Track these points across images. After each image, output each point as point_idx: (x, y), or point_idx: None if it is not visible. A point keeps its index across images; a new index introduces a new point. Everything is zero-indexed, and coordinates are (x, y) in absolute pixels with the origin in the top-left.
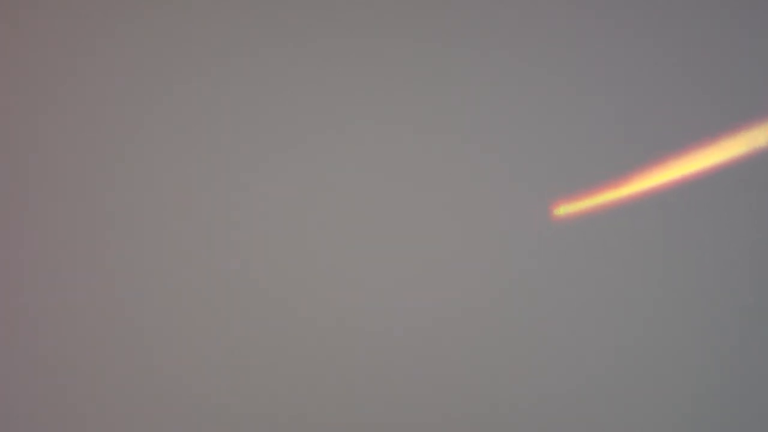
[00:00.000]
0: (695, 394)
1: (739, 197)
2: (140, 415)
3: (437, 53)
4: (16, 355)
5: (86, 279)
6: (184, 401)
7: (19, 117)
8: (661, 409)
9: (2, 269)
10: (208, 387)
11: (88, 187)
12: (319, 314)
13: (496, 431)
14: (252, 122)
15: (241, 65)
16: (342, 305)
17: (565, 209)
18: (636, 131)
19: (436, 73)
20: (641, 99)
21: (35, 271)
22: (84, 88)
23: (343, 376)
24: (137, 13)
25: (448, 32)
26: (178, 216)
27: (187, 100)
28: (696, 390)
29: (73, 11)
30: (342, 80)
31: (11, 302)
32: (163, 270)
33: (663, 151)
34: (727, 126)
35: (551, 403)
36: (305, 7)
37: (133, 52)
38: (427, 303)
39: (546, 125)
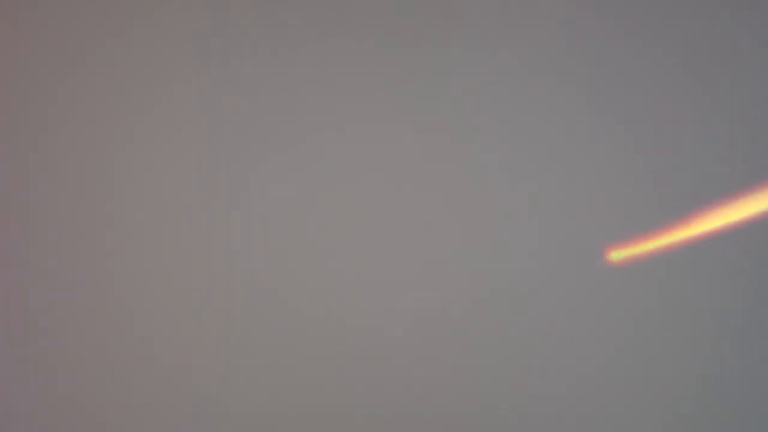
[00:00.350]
0: (698, 401)
1: None
2: (139, 415)
3: (444, 55)
4: (16, 355)
5: (85, 280)
6: (183, 402)
7: (19, 117)
8: (663, 413)
9: (2, 269)
10: (207, 387)
11: (88, 188)
12: (319, 314)
13: (496, 431)
14: (252, 122)
15: (241, 65)
16: (343, 305)
17: (619, 254)
18: (685, 176)
19: (447, 74)
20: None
21: (35, 271)
22: (83, 88)
23: (343, 376)
24: (136, 12)
25: (463, 34)
26: (178, 216)
27: (187, 100)
28: (701, 398)
29: (72, 11)
30: (343, 80)
31: (11, 302)
32: (162, 270)
33: (714, 197)
34: None
35: (551, 404)
36: (305, 7)
37: (133, 52)
38: (429, 304)
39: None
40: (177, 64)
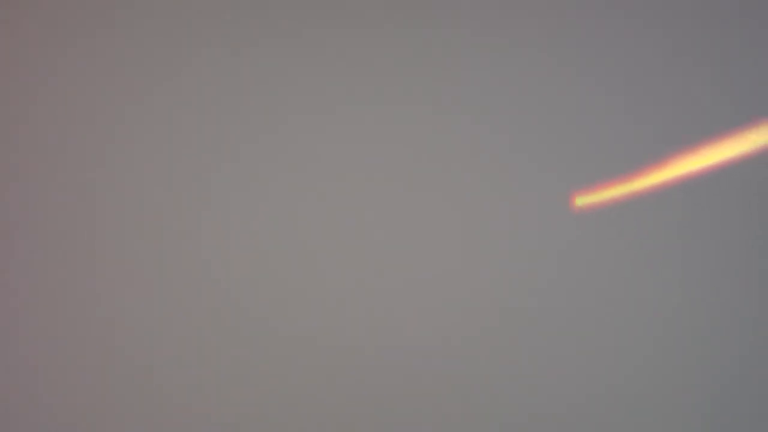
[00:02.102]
0: (710, 399)
1: (756, 192)
2: (136, 418)
3: (443, 44)
4: (13, 356)
5: (80, 279)
6: (182, 405)
7: (18, 117)
8: (672, 414)
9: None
10: (207, 388)
11: (88, 189)
12: (319, 315)
13: None
14: (248, 122)
15: (235, 64)
16: (345, 307)
17: (583, 200)
18: (653, 123)
19: (442, 64)
20: (658, 93)
21: (32, 272)
22: (81, 87)
23: (344, 377)
24: (133, 12)
25: (458, 24)
26: (174, 216)
27: (182, 98)
28: (712, 395)
29: (70, 10)
30: (340, 79)
31: (8, 303)
32: (157, 270)
33: (679, 145)
34: (751, 118)
35: (560, 406)
36: (302, 6)
37: (129, 50)
38: (434, 305)
39: (559, 118)
40: (172, 63)
